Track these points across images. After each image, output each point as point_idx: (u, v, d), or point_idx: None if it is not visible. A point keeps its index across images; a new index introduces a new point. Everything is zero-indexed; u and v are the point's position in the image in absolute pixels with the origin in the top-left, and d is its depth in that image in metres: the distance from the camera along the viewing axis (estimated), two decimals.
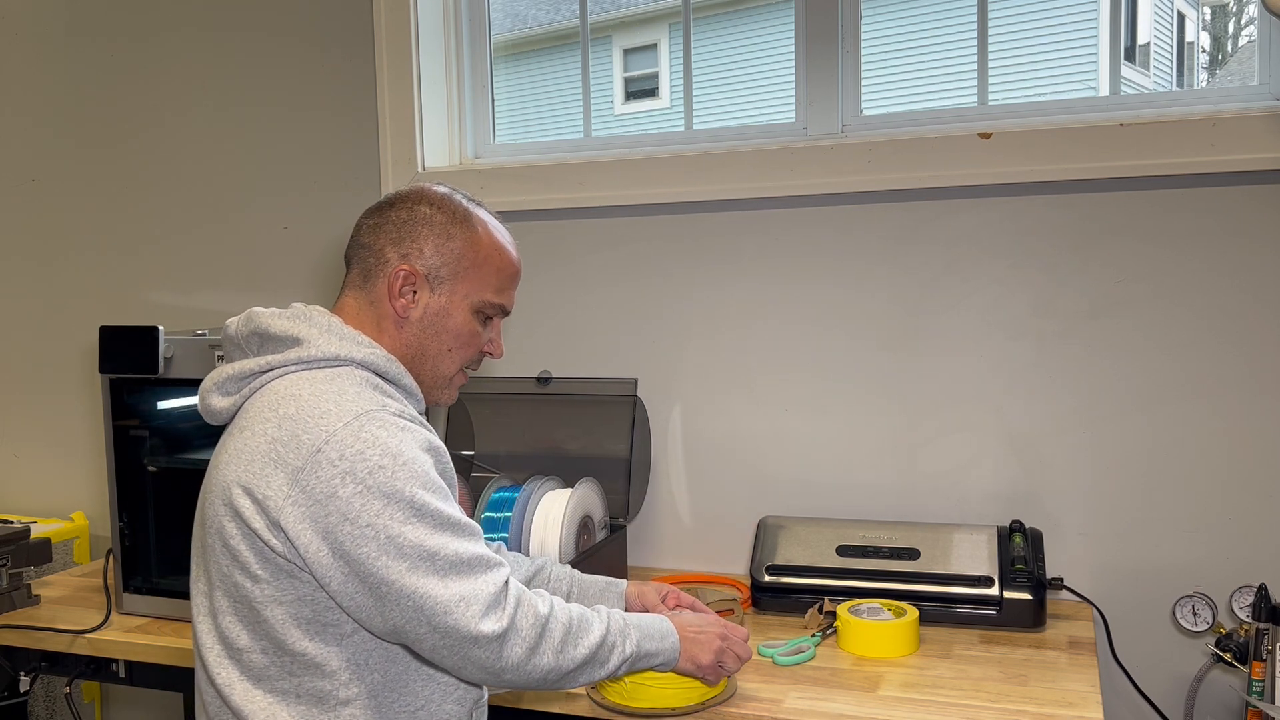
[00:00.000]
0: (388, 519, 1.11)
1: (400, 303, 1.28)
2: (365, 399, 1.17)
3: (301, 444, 1.12)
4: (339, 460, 1.11)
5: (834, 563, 1.77)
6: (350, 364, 1.23)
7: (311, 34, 2.25)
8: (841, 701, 1.41)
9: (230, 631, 1.18)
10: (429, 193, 1.33)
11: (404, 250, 1.29)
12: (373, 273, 1.29)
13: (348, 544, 1.10)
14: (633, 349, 2.09)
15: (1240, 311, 1.74)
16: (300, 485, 1.11)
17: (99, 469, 2.52)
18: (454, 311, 1.30)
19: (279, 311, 1.27)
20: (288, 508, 1.11)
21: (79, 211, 2.51)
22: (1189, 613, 1.67)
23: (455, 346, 1.32)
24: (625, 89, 4.22)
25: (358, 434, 1.13)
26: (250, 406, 1.21)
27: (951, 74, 2.01)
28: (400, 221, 1.30)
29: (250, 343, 1.27)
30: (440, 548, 1.13)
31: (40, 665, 1.84)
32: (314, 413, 1.14)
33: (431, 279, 1.29)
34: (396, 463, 1.12)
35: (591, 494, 1.84)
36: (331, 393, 1.17)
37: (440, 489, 1.16)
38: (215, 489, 1.18)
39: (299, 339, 1.23)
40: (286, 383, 1.20)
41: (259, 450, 1.15)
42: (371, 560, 1.10)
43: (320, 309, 1.28)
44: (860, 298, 1.94)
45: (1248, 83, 1.83)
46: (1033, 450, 1.85)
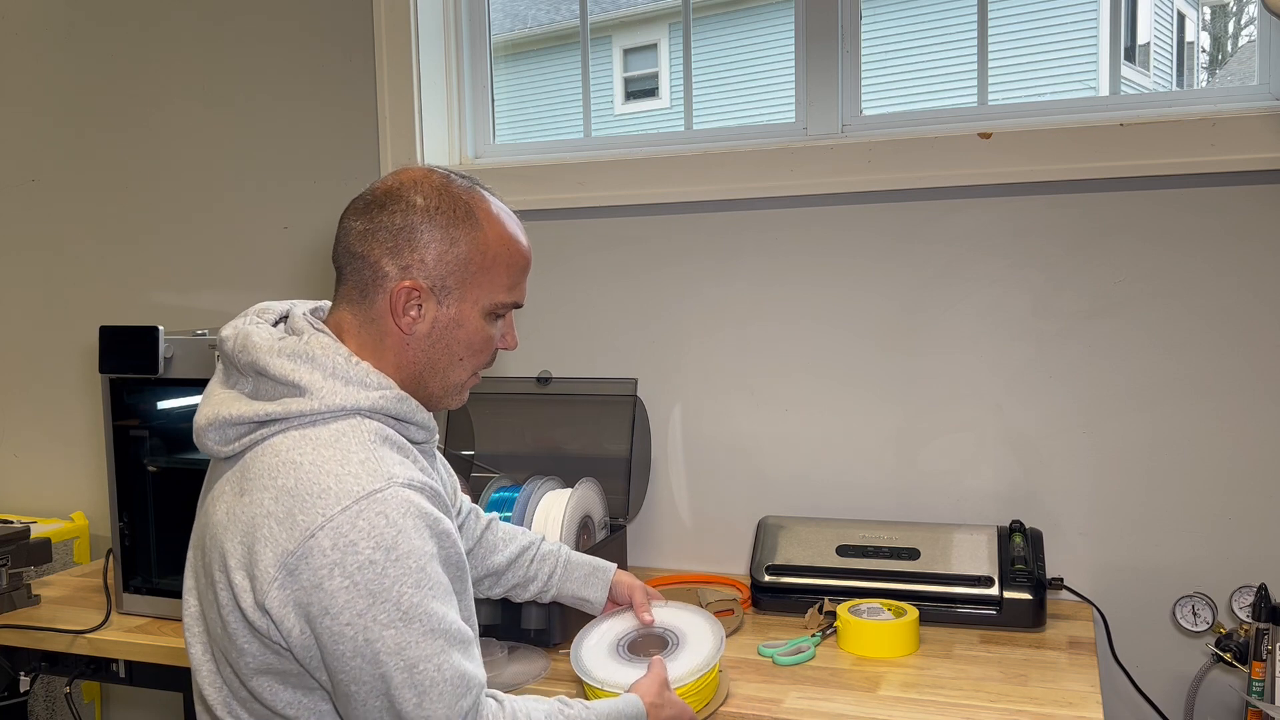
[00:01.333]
0: (369, 620, 1.03)
1: (405, 321, 1.16)
2: (370, 471, 1.07)
3: (296, 525, 1.04)
4: (330, 550, 1.02)
5: (834, 563, 1.77)
6: (358, 414, 1.12)
7: (312, 34, 2.25)
8: (841, 701, 1.41)
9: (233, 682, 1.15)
10: (422, 187, 1.18)
11: (404, 262, 1.16)
12: (370, 289, 1.17)
13: (325, 638, 1.04)
14: (633, 349, 2.09)
15: (1240, 311, 1.74)
16: (288, 569, 1.04)
17: (99, 469, 2.52)
18: (465, 321, 1.19)
19: (278, 343, 1.15)
20: (273, 590, 1.04)
21: (79, 210, 2.51)
22: (1189, 613, 1.67)
23: (468, 355, 1.21)
24: (625, 89, 4.22)
25: (355, 521, 1.03)
26: (251, 464, 1.11)
27: (951, 74, 2.01)
28: (395, 229, 1.16)
29: (247, 373, 1.16)
30: (420, 660, 1.04)
31: (40, 665, 1.84)
32: (313, 489, 1.05)
33: (437, 290, 1.17)
34: (389, 557, 1.03)
35: (591, 494, 1.84)
36: (334, 462, 1.07)
37: (437, 585, 1.07)
38: (214, 552, 1.11)
39: (300, 387, 1.11)
40: (288, 443, 1.10)
41: (255, 524, 1.06)
42: (345, 660, 1.04)
43: (324, 338, 1.16)
44: (860, 297, 1.94)
45: (1248, 83, 1.83)
46: (1033, 450, 1.85)
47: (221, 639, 1.12)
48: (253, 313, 1.23)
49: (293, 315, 1.21)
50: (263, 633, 1.07)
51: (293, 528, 1.04)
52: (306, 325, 1.18)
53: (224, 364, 1.21)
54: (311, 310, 1.24)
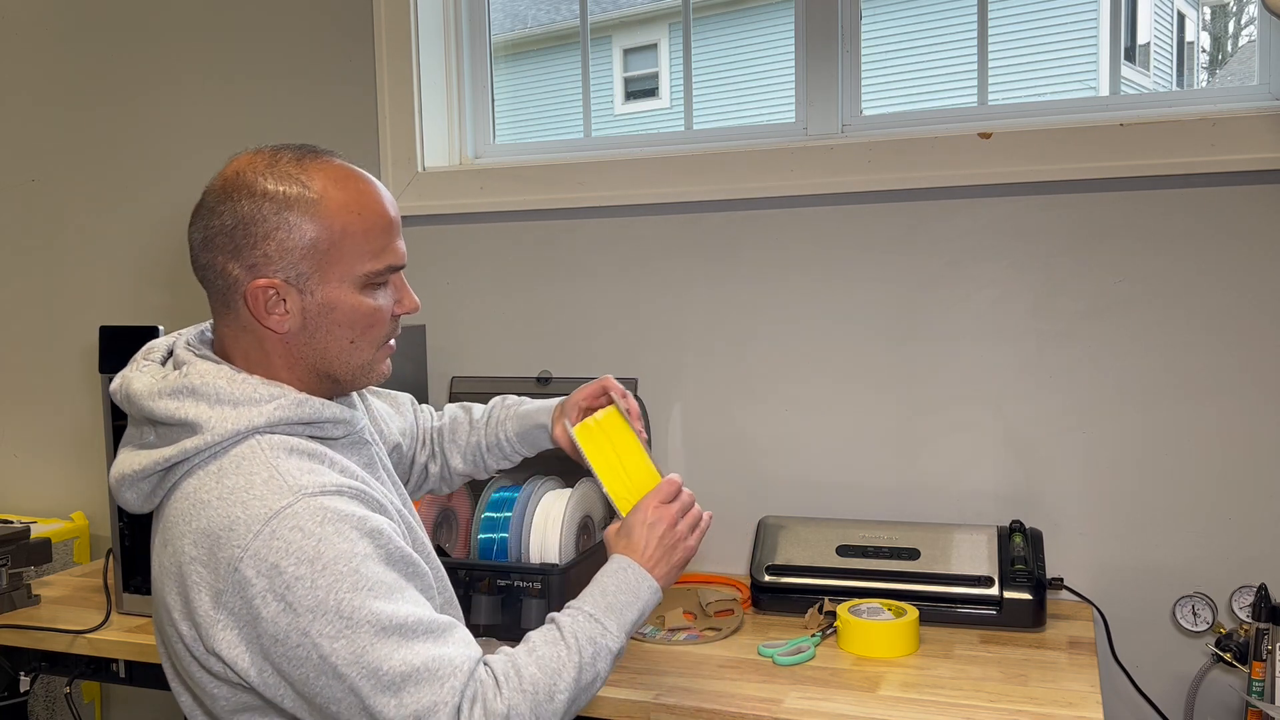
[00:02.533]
0: (316, 636, 1.00)
1: (273, 320, 1.11)
2: (275, 489, 1.03)
3: (219, 563, 1.02)
4: (256, 579, 1.00)
5: (834, 563, 1.77)
6: (254, 433, 1.08)
7: (312, 34, 2.25)
8: (841, 701, 1.41)
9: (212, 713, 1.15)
10: (248, 177, 1.10)
11: (249, 261, 1.09)
12: (229, 297, 1.11)
13: (283, 665, 1.01)
14: (633, 349, 2.09)
15: (1241, 311, 1.74)
16: (225, 608, 1.02)
17: (99, 469, 2.52)
18: (338, 303, 1.12)
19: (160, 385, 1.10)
20: (217, 632, 1.02)
21: (79, 211, 2.51)
22: (1189, 613, 1.67)
23: (358, 334, 1.14)
24: (625, 89, 4.22)
25: (270, 543, 1.00)
26: (166, 513, 1.10)
27: (951, 74, 2.01)
28: (229, 229, 1.09)
29: (141, 423, 1.13)
30: (381, 660, 1.00)
31: (40, 665, 1.84)
32: (224, 523, 1.02)
33: (294, 281, 1.10)
34: (315, 569, 1.00)
35: (592, 494, 1.84)
36: (239, 490, 1.04)
37: (378, 583, 1.03)
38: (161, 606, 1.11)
39: (191, 424, 1.07)
40: (194, 484, 1.07)
41: (183, 573, 1.05)
42: (312, 681, 1.01)
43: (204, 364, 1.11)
44: (860, 297, 1.94)
45: (1248, 83, 1.83)
46: (1033, 450, 1.85)
47: (194, 686, 1.12)
48: (139, 357, 1.19)
49: (175, 350, 1.17)
50: (221, 676, 1.06)
51: (216, 567, 1.02)
52: (189, 355, 1.14)
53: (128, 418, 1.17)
54: (196, 336, 1.20)
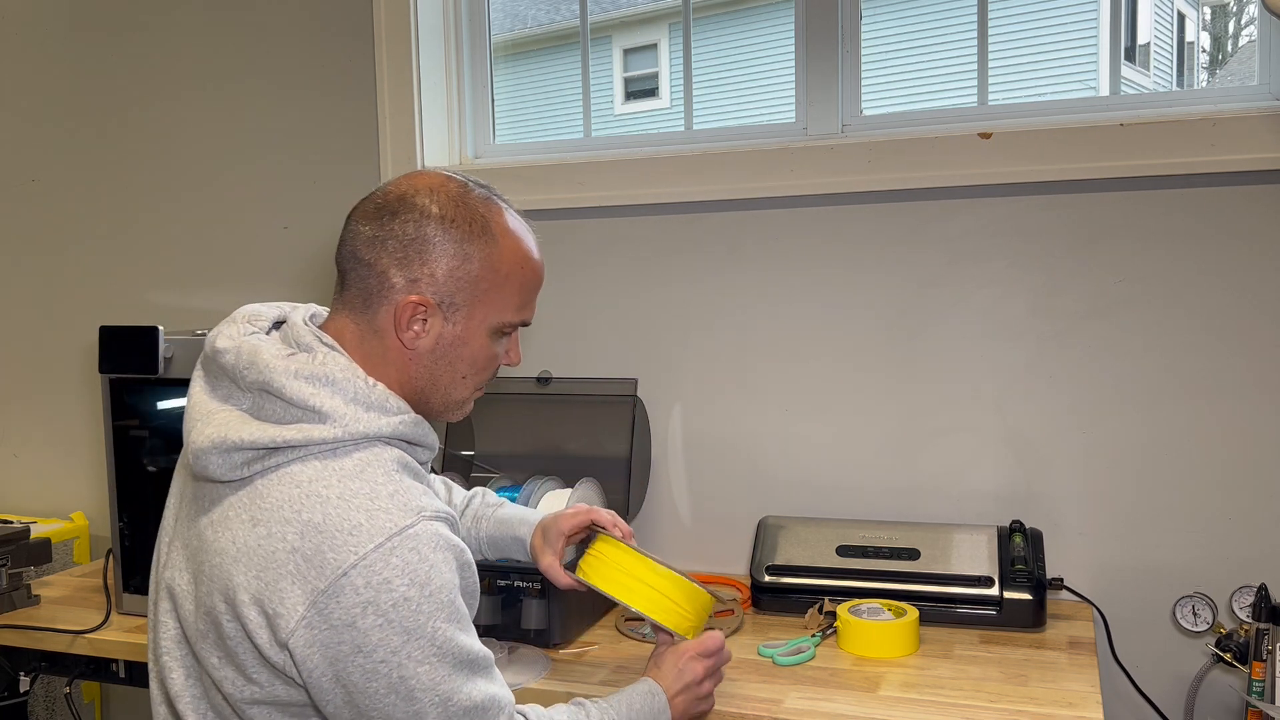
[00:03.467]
0: (404, 657, 1.01)
1: (409, 335, 1.12)
2: (401, 505, 1.04)
3: (327, 563, 1.00)
4: (364, 588, 1.00)
5: (834, 563, 1.77)
6: (379, 442, 1.09)
7: (311, 34, 2.25)
8: (841, 701, 1.41)
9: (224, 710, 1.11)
10: (438, 196, 1.13)
11: (412, 274, 1.11)
12: (375, 299, 1.13)
13: (356, 675, 1.01)
14: (633, 349, 2.09)
15: (1240, 311, 1.74)
16: (318, 608, 1.00)
17: (99, 469, 2.52)
18: (470, 339, 1.15)
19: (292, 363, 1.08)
20: (300, 630, 1.01)
21: (79, 211, 2.51)
22: (1189, 613, 1.67)
23: (471, 373, 1.18)
24: (625, 89, 4.22)
25: (388, 558, 1.01)
26: (265, 492, 1.05)
27: (951, 74, 2.01)
28: (406, 239, 1.11)
29: (249, 390, 1.09)
30: (453, 692, 1.04)
31: (40, 665, 1.84)
32: (343, 526, 1.01)
33: (445, 307, 1.12)
34: (423, 593, 1.02)
35: (591, 494, 1.84)
36: (363, 495, 1.03)
37: (463, 617, 1.07)
38: (217, 580, 1.05)
39: (321, 413, 1.06)
40: (309, 473, 1.05)
41: (276, 559, 1.02)
42: (379, 696, 1.02)
43: (339, 357, 1.11)
44: (860, 297, 1.94)
45: (1248, 83, 1.83)
46: (1033, 450, 1.85)
47: (218, 669, 1.08)
48: (243, 320, 1.17)
49: (293, 325, 1.15)
50: (278, 668, 1.04)
51: (323, 566, 1.00)
52: (314, 340, 1.13)
53: (212, 373, 1.14)
54: (310, 317, 1.18)
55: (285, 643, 1.01)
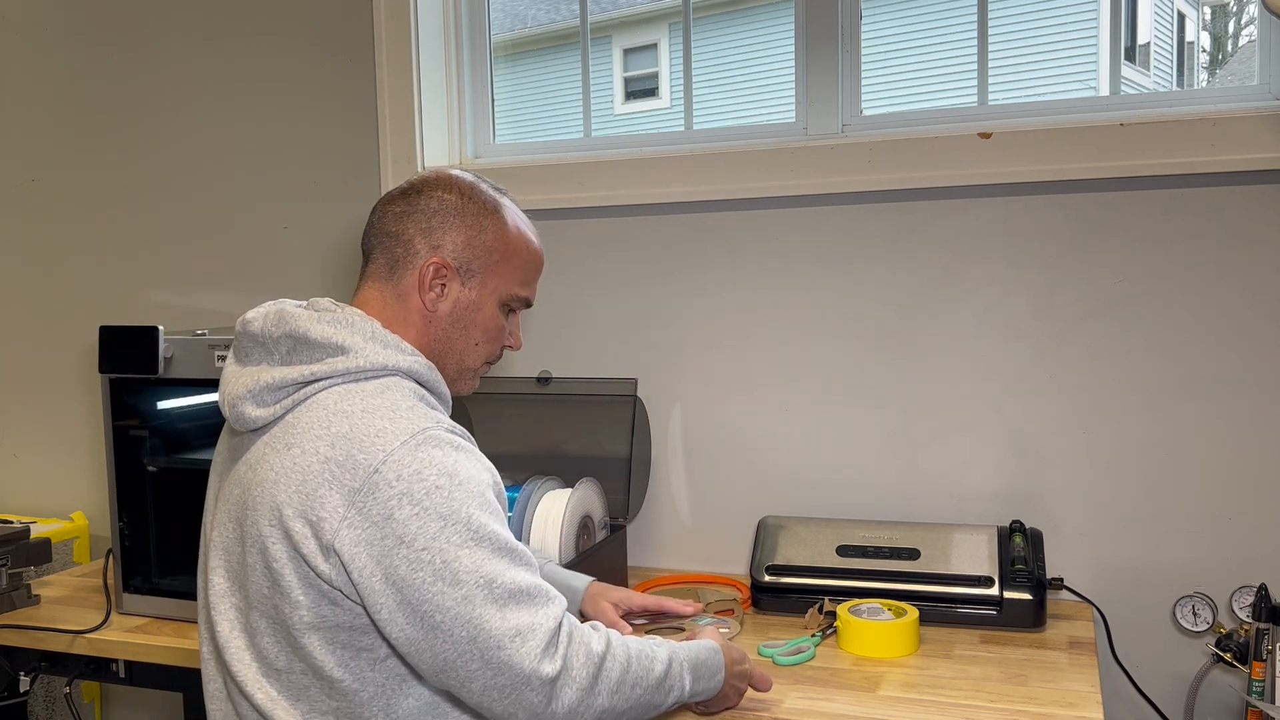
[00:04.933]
0: (444, 542, 1.06)
1: (430, 296, 1.25)
2: (419, 415, 1.13)
3: (358, 464, 1.08)
4: (396, 481, 1.07)
5: (834, 563, 1.77)
6: (397, 373, 1.19)
7: (311, 34, 2.25)
8: (841, 701, 1.41)
9: (269, 651, 1.14)
10: (457, 180, 1.29)
11: (435, 241, 1.25)
12: (400, 264, 1.25)
13: (402, 568, 1.06)
14: (633, 349, 2.09)
15: (1240, 311, 1.74)
16: (357, 507, 1.07)
17: (99, 469, 2.52)
18: (483, 305, 1.28)
19: (314, 313, 1.20)
20: (343, 530, 1.07)
21: (79, 212, 2.51)
22: (1189, 613, 1.67)
23: (482, 340, 1.30)
24: (625, 89, 4.22)
25: (414, 453, 1.09)
26: (296, 421, 1.15)
27: (951, 74, 2.01)
28: (430, 211, 1.26)
29: (281, 344, 1.19)
30: (497, 574, 1.07)
31: (40, 665, 1.84)
32: (369, 431, 1.10)
33: (462, 271, 1.26)
34: (454, 482, 1.09)
35: (591, 494, 1.84)
36: (385, 408, 1.12)
37: (497, 511, 1.12)
38: (261, 507, 1.12)
39: (344, 347, 1.17)
40: (334, 396, 1.15)
41: (312, 471, 1.09)
42: (426, 586, 1.05)
43: (355, 311, 1.23)
44: (860, 297, 1.94)
45: (1248, 83, 1.83)
46: (1033, 450, 1.85)
47: (269, 598, 1.12)
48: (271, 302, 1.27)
49: (315, 302, 1.26)
50: (326, 579, 1.08)
51: (354, 468, 1.08)
52: (333, 304, 1.24)
53: (244, 346, 1.23)
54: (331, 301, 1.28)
55: (332, 544, 1.07)
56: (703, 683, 1.26)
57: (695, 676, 1.25)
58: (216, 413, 1.78)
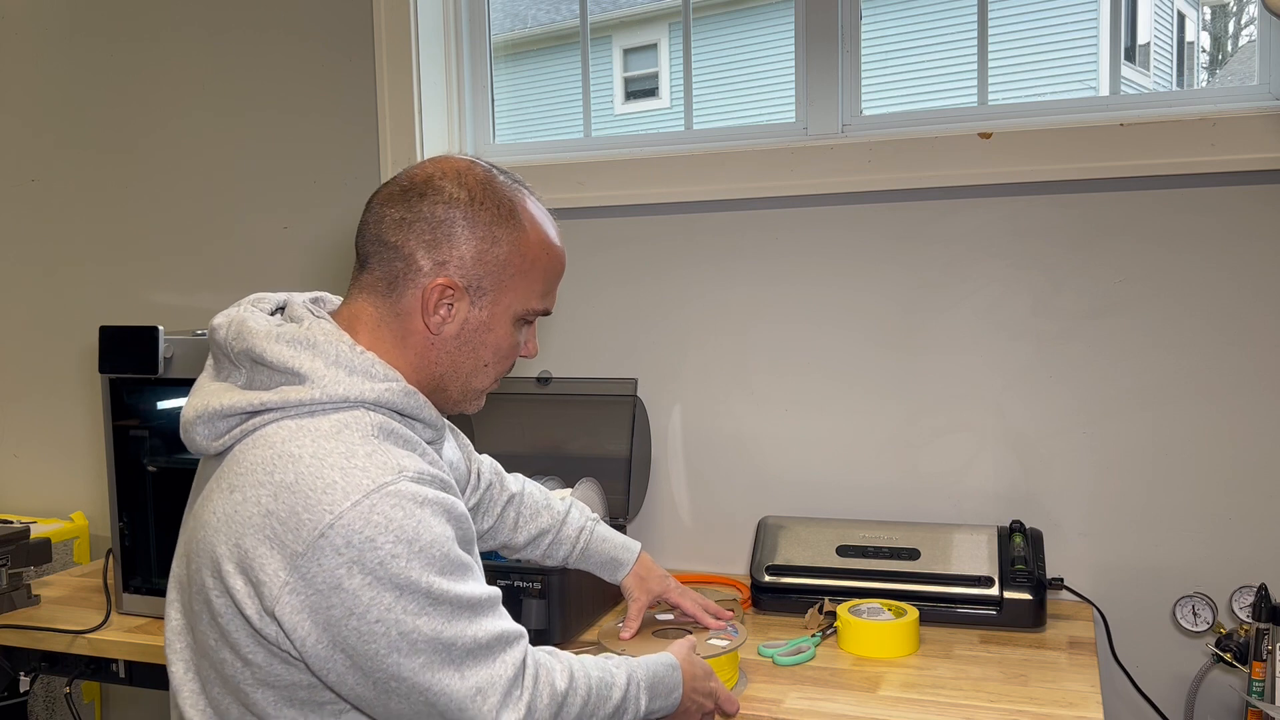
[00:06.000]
0: (399, 613, 0.96)
1: (434, 320, 1.10)
2: (377, 464, 1.00)
3: (302, 524, 0.96)
4: (345, 548, 0.95)
5: (834, 563, 1.77)
6: (360, 406, 1.05)
7: (311, 33, 2.25)
8: (841, 701, 1.41)
9: (221, 703, 1.06)
10: (466, 178, 1.12)
11: (440, 257, 1.09)
12: (401, 281, 1.10)
13: (352, 639, 0.97)
14: (633, 349, 2.09)
15: (1240, 311, 1.74)
16: (300, 573, 0.96)
17: (99, 469, 2.52)
18: (495, 325, 1.14)
19: (275, 329, 1.07)
20: (284, 596, 0.96)
21: (79, 212, 2.51)
22: (1189, 613, 1.67)
23: (493, 360, 1.17)
24: (625, 89, 4.22)
25: (368, 517, 0.96)
26: (241, 457, 1.03)
27: (951, 74, 2.01)
28: (435, 220, 1.09)
29: (241, 361, 1.08)
30: (457, 637, 1.00)
31: (40, 665, 1.84)
32: (316, 484, 0.97)
33: (472, 291, 1.11)
34: (411, 550, 0.97)
35: (591, 494, 1.84)
36: (338, 454, 0.99)
37: (460, 565, 1.02)
38: (204, 555, 1.02)
39: (300, 374, 1.04)
40: (284, 433, 1.02)
41: (251, 523, 0.98)
42: (381, 657, 0.97)
43: (325, 324, 1.09)
44: (860, 297, 1.94)
45: (1248, 83, 1.83)
46: (1033, 450, 1.85)
47: (216, 651, 1.04)
48: (247, 302, 1.16)
49: (291, 304, 1.14)
50: (271, 641, 0.99)
51: (299, 527, 0.96)
52: (306, 313, 1.11)
53: (215, 355, 1.13)
54: (312, 300, 1.18)
55: (272, 611, 0.97)
56: (659, 701, 1.20)
57: (652, 695, 1.19)
58: None
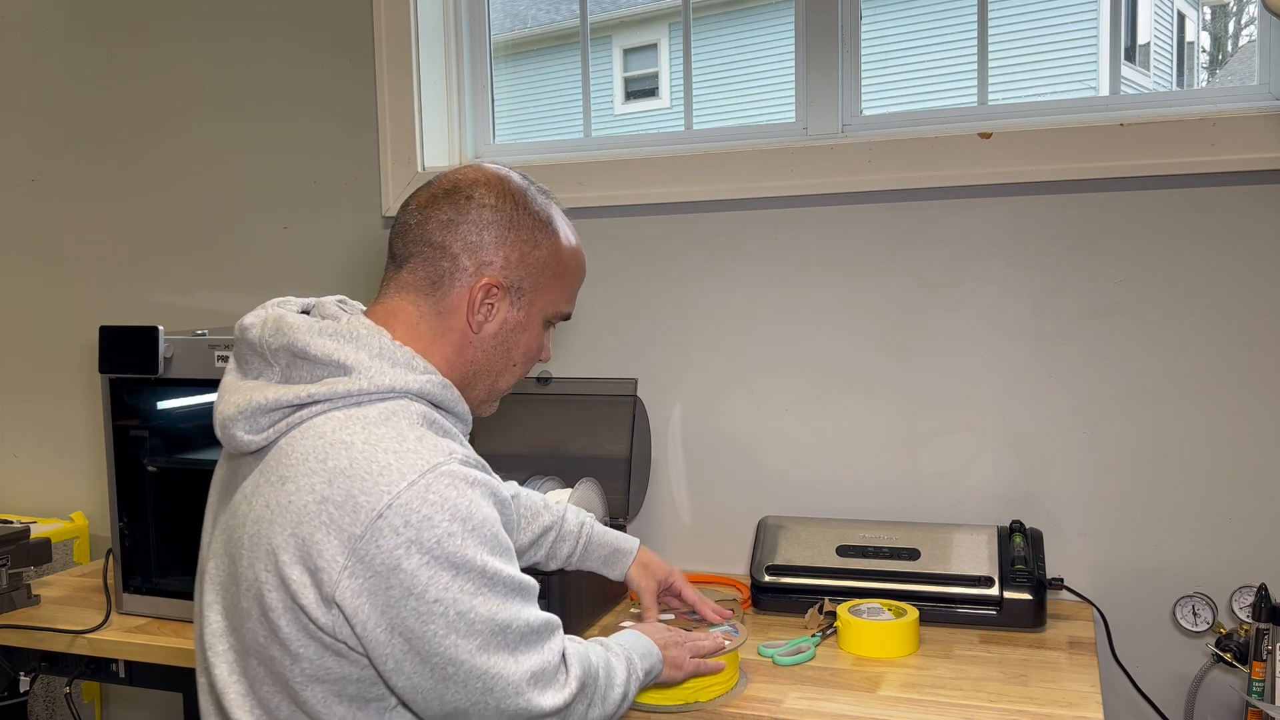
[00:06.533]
0: (457, 592, 0.99)
1: (478, 318, 1.15)
2: (427, 447, 1.03)
3: (360, 507, 0.98)
4: (403, 528, 0.98)
5: (834, 563, 1.77)
6: (405, 395, 1.08)
7: (311, 34, 2.25)
8: (841, 701, 1.41)
9: (270, 701, 1.07)
10: (508, 185, 1.18)
11: (486, 258, 1.14)
12: (446, 280, 1.14)
13: (411, 620, 0.99)
14: (633, 349, 2.09)
15: (1240, 311, 1.74)
16: (358, 555, 0.98)
17: (99, 469, 2.52)
18: (529, 325, 1.20)
19: (316, 324, 1.09)
20: (344, 580, 0.98)
21: (79, 212, 2.51)
22: (1189, 613, 1.67)
23: (520, 361, 1.21)
24: (625, 89, 4.22)
25: (424, 496, 0.99)
26: (290, 449, 1.05)
27: (951, 74, 2.01)
28: (482, 222, 1.14)
29: (280, 357, 1.09)
30: (511, 619, 1.03)
31: (40, 665, 1.84)
32: (371, 468, 1.00)
33: (513, 291, 1.17)
34: (466, 528, 1.00)
35: (591, 494, 1.84)
36: (389, 440, 1.02)
37: (508, 549, 1.06)
38: (256, 550, 1.03)
39: (346, 366, 1.06)
40: (333, 423, 1.04)
41: (308, 512, 1.00)
42: (439, 639, 1.00)
43: (364, 322, 1.11)
44: (861, 297, 1.94)
45: (1248, 83, 1.83)
46: (1033, 450, 1.85)
47: (265, 648, 1.05)
48: (273, 304, 1.18)
49: (321, 304, 1.17)
50: (327, 631, 1.00)
51: (356, 510, 0.98)
52: (340, 311, 1.14)
53: (244, 355, 1.14)
54: (338, 301, 1.19)
55: (332, 597, 0.98)
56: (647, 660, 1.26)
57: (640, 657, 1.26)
58: None
